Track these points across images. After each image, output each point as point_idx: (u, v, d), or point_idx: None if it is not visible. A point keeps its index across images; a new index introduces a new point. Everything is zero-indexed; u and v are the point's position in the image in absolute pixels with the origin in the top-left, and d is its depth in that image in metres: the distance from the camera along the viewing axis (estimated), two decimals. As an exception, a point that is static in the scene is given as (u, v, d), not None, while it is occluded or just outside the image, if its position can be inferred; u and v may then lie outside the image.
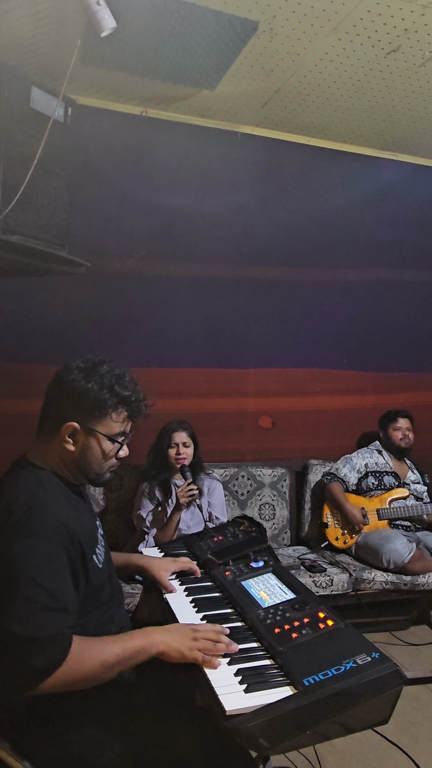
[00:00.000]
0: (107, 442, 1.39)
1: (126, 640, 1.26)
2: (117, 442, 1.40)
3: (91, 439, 1.37)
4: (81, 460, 1.39)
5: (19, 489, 1.30)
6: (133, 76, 2.66)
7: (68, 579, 1.25)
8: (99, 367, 1.39)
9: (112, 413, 1.38)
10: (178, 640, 1.26)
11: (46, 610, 1.15)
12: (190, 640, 1.27)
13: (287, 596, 1.47)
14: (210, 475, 2.87)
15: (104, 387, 1.37)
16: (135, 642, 1.25)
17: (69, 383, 1.37)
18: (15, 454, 1.47)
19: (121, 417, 1.41)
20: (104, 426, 1.38)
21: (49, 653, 1.13)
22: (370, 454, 3.35)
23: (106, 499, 3.00)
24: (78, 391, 1.36)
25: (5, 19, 2.27)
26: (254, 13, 2.25)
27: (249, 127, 3.27)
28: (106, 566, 1.48)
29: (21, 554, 1.19)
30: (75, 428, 1.36)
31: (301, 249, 3.46)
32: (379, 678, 1.11)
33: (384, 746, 2.17)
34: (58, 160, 2.57)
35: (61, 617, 1.17)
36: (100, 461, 1.40)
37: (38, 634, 1.13)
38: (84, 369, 1.39)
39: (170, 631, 1.30)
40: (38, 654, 1.12)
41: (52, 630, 1.15)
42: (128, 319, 3.15)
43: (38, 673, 1.12)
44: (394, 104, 2.94)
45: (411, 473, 3.37)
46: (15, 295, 2.95)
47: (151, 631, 1.29)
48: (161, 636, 1.27)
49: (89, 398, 1.36)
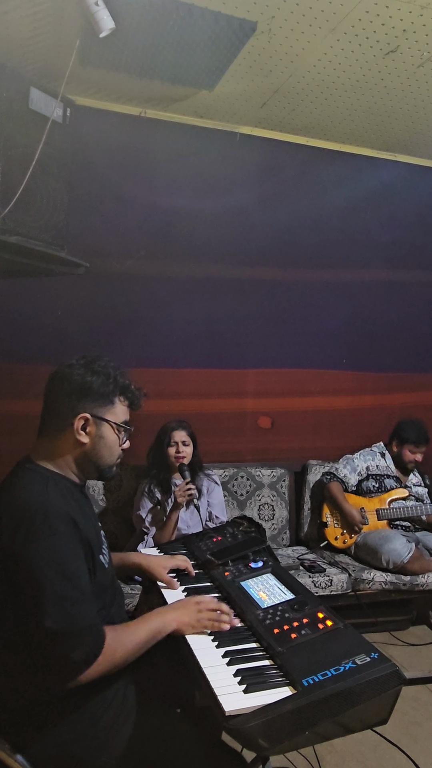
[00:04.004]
0: (117, 430, 1.44)
1: (146, 622, 1.34)
2: (126, 428, 1.45)
3: (103, 429, 1.42)
4: (93, 451, 1.42)
5: (29, 490, 1.31)
6: (131, 77, 2.66)
7: (87, 571, 1.30)
8: (98, 360, 1.45)
9: (117, 402, 1.44)
10: (186, 614, 1.38)
11: (78, 604, 1.20)
12: (196, 612, 1.39)
13: (286, 596, 1.48)
14: (209, 476, 2.87)
15: (107, 377, 1.42)
16: (154, 624, 1.34)
17: (72, 378, 1.41)
18: (15, 454, 1.47)
19: (125, 405, 1.47)
20: (112, 414, 1.43)
21: (88, 644, 1.19)
22: (372, 457, 3.34)
23: (106, 500, 3.00)
24: (83, 384, 1.40)
25: (4, 19, 2.27)
26: (253, 14, 2.25)
27: (248, 128, 3.27)
28: (110, 567, 1.49)
29: (45, 553, 1.21)
30: (87, 419, 1.39)
31: (299, 249, 3.46)
32: (378, 678, 1.11)
33: (383, 746, 2.17)
34: (57, 161, 2.57)
35: (90, 608, 1.23)
36: (112, 450, 1.44)
37: (75, 628, 1.18)
38: (84, 364, 1.44)
39: (177, 608, 1.41)
40: (78, 647, 1.18)
41: (85, 622, 1.20)
42: (127, 319, 3.15)
43: (80, 664, 1.18)
44: (392, 105, 2.95)
45: (412, 476, 3.37)
46: (14, 296, 2.95)
47: (163, 612, 1.39)
48: (172, 614, 1.38)
49: (95, 389, 1.40)
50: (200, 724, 1.37)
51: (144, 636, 1.31)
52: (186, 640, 1.35)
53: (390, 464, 3.31)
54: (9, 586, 1.21)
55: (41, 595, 1.17)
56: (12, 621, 1.22)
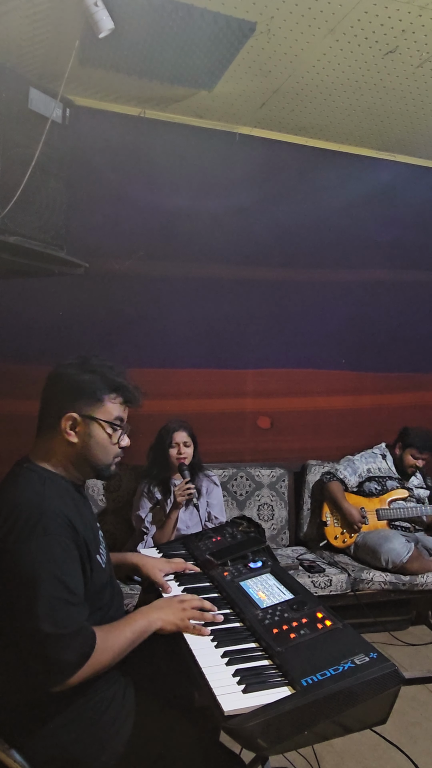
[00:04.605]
0: (108, 428, 1.41)
1: (131, 623, 1.34)
2: (117, 426, 1.43)
3: (92, 427, 1.40)
4: (85, 450, 1.40)
5: (25, 489, 1.31)
6: (131, 77, 2.66)
7: (80, 573, 1.30)
8: (90, 360, 1.44)
9: (108, 400, 1.42)
10: (170, 613, 1.39)
11: (69, 606, 1.20)
12: (180, 611, 1.40)
13: (286, 596, 1.47)
14: (208, 477, 2.87)
15: (97, 375, 1.41)
16: (139, 624, 1.35)
17: (63, 377, 1.41)
18: (15, 454, 1.47)
19: (117, 402, 1.44)
20: (102, 412, 1.41)
21: (78, 647, 1.20)
22: (373, 459, 3.33)
23: (105, 500, 3.00)
24: (73, 383, 1.40)
25: (3, 20, 2.27)
26: (252, 14, 2.25)
27: (247, 128, 3.27)
28: (107, 567, 1.49)
29: (38, 553, 1.21)
30: (74, 418, 1.38)
31: (298, 249, 3.46)
32: (377, 678, 1.11)
33: (383, 746, 2.18)
34: (56, 161, 2.57)
35: (81, 611, 1.24)
36: (105, 448, 1.42)
37: (66, 630, 1.18)
38: (76, 363, 1.44)
39: (161, 607, 1.41)
40: (68, 649, 1.18)
41: (76, 624, 1.20)
42: (127, 319, 3.15)
43: (71, 666, 1.18)
44: (391, 105, 2.95)
45: (414, 478, 3.36)
46: (14, 296, 2.95)
47: (147, 611, 1.39)
48: (157, 613, 1.39)
49: (84, 387, 1.40)
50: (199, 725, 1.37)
51: (130, 636, 1.32)
52: (185, 641, 1.35)
53: (391, 466, 3.31)
54: (2, 585, 1.21)
55: (33, 596, 1.17)
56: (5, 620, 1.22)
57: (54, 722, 1.26)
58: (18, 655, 1.23)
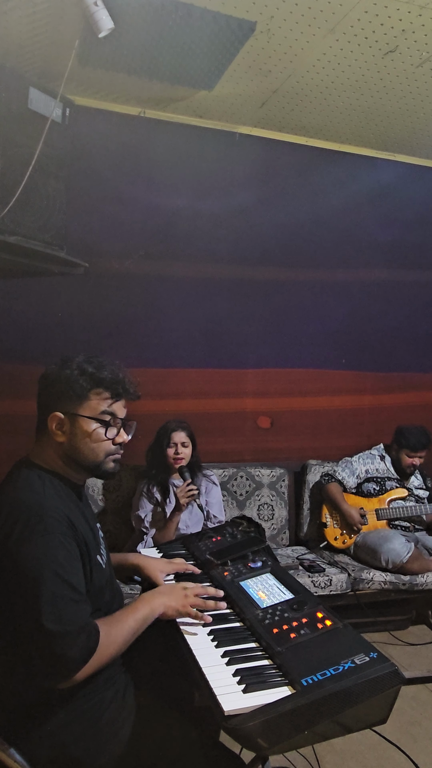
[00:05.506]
0: (93, 423, 1.39)
1: (134, 611, 1.35)
2: (103, 421, 1.39)
3: (77, 424, 1.38)
4: (72, 448, 1.39)
5: (25, 489, 1.32)
6: (130, 77, 2.66)
7: (81, 570, 1.30)
8: (74, 358, 1.43)
9: (92, 395, 1.39)
10: (173, 599, 1.41)
11: (73, 603, 1.21)
12: (182, 597, 1.42)
13: (286, 596, 1.47)
14: (207, 476, 2.87)
15: (79, 372, 1.39)
16: (141, 611, 1.36)
17: (47, 378, 1.42)
18: (15, 454, 1.47)
19: (103, 397, 1.40)
20: (86, 409, 1.39)
21: (83, 643, 1.20)
22: (371, 460, 3.33)
23: (105, 500, 3.00)
24: (56, 382, 1.40)
25: (3, 19, 2.27)
26: (252, 14, 2.25)
27: (247, 128, 3.27)
28: (107, 567, 1.49)
29: (40, 552, 1.21)
30: (60, 418, 1.38)
31: (299, 249, 3.46)
32: (377, 678, 1.11)
33: (383, 746, 2.18)
34: (56, 161, 2.57)
35: (85, 608, 1.24)
36: (91, 445, 1.39)
37: (70, 627, 1.18)
38: (59, 363, 1.43)
39: (165, 593, 1.43)
40: (74, 646, 1.18)
41: (80, 621, 1.21)
42: (127, 319, 3.15)
43: (76, 663, 1.19)
44: (391, 104, 2.95)
45: (414, 478, 3.36)
46: (14, 296, 2.95)
47: (149, 598, 1.41)
48: (160, 598, 1.40)
49: (67, 386, 1.38)
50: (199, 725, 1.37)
51: (134, 625, 1.33)
52: (185, 640, 1.36)
53: (389, 467, 3.31)
54: (4, 585, 1.22)
55: (36, 594, 1.17)
56: (7, 619, 1.22)
57: (54, 722, 1.26)
58: (18, 655, 1.23)
